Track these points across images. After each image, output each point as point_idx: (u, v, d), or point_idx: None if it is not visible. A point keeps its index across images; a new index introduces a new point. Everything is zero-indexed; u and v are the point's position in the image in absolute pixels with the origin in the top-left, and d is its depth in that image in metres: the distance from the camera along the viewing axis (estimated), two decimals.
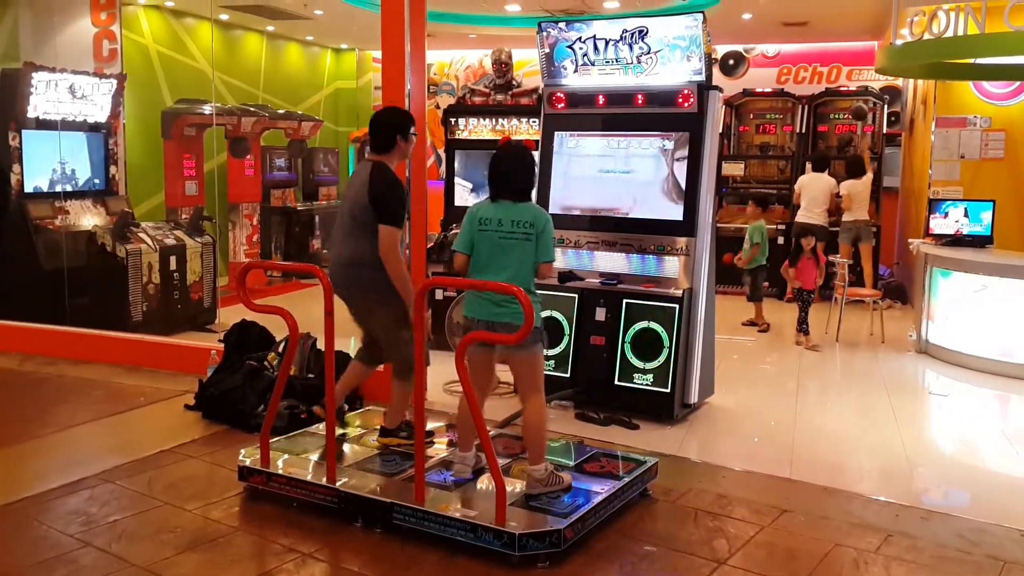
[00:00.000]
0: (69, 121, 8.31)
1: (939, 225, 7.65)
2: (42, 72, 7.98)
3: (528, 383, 3.98)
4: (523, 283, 3.80)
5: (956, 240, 7.51)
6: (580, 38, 5.82)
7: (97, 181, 8.66)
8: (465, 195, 8.26)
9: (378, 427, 4.62)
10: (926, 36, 6.63)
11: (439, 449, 4.47)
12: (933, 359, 7.20)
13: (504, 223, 3.94)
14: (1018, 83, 8.33)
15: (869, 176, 9.40)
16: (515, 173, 4.02)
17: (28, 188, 7.97)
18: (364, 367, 4.69)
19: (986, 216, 7.48)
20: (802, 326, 7.69)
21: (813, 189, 9.44)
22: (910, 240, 8.30)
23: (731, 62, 12.62)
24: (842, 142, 10.57)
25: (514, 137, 7.98)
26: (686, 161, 5.49)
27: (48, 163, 8.22)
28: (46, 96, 8.02)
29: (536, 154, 5.80)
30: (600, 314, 5.57)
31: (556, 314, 5.64)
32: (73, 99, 8.29)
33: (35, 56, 8.38)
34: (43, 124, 8.08)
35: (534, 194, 4.73)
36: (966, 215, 7.56)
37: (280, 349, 5.66)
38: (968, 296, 7.03)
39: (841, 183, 9.34)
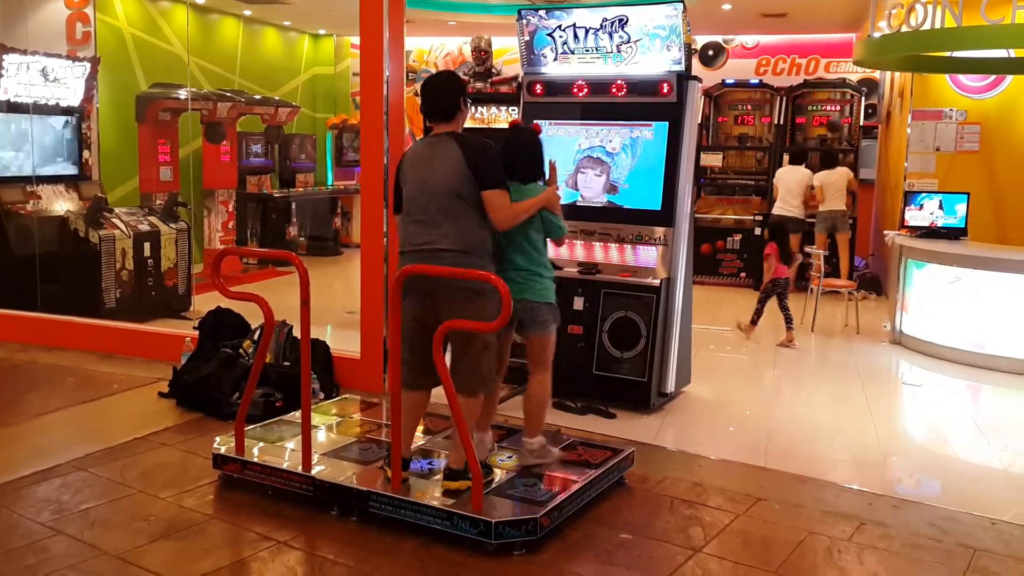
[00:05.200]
0: (41, 104, 8.18)
1: (914, 217, 7.72)
2: (13, 54, 7.82)
3: (538, 360, 4.14)
4: (541, 257, 4.10)
5: (931, 232, 7.57)
6: (560, 26, 5.79)
7: (70, 166, 8.53)
8: None
9: (353, 414, 4.57)
10: (904, 29, 6.67)
11: (416, 437, 4.44)
12: (907, 350, 7.26)
13: None
14: (993, 77, 8.40)
15: (844, 169, 9.48)
16: (519, 156, 4.11)
17: None
18: (425, 395, 4.02)
19: (961, 208, 7.55)
20: None
21: (789, 181, 9.51)
22: (885, 232, 8.35)
23: (710, 53, 12.64)
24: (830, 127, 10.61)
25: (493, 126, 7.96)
26: (665, 151, 5.49)
27: (19, 147, 8.09)
28: (17, 79, 7.87)
29: None
30: (578, 303, 5.57)
31: None
32: (45, 82, 8.15)
33: (6, 37, 8.22)
34: (14, 107, 7.94)
35: None
36: (941, 207, 7.62)
37: (255, 337, 5.61)
38: (942, 288, 7.10)
39: (816, 174, 9.42)
